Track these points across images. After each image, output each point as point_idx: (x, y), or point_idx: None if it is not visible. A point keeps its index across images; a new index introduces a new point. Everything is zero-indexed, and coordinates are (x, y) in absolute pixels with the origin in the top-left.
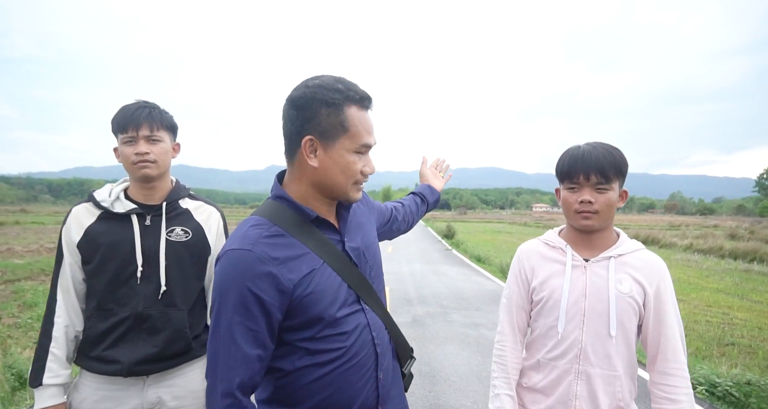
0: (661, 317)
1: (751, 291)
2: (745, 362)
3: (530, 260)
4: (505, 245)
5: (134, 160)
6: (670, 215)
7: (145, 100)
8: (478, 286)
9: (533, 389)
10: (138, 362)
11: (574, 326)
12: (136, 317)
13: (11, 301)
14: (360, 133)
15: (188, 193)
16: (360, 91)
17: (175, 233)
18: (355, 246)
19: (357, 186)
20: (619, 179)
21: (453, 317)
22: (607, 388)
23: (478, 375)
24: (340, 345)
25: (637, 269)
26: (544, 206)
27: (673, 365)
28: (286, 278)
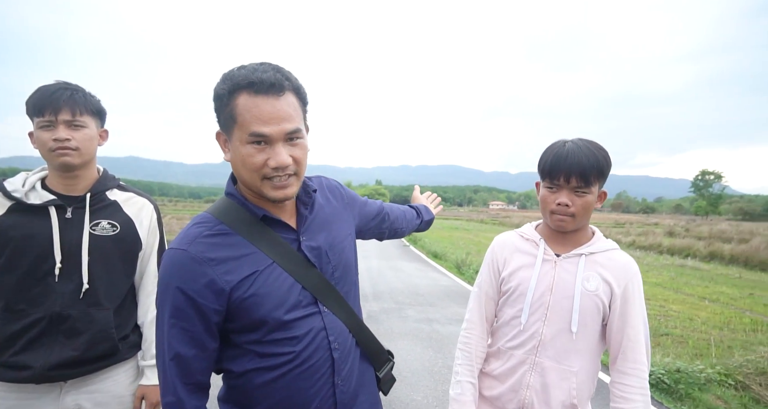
0: (626, 317)
1: (685, 285)
2: (677, 351)
3: (503, 251)
4: (461, 241)
5: (52, 147)
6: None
7: (66, 81)
8: (433, 281)
9: (490, 375)
10: (53, 366)
11: (536, 319)
12: (52, 317)
13: None
14: (247, 122)
15: (117, 184)
16: (254, 75)
17: (100, 226)
18: (314, 245)
19: (272, 183)
20: (599, 181)
21: (407, 312)
22: (561, 383)
23: (430, 370)
24: (289, 349)
25: (607, 269)
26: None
27: (631, 365)
28: (222, 280)
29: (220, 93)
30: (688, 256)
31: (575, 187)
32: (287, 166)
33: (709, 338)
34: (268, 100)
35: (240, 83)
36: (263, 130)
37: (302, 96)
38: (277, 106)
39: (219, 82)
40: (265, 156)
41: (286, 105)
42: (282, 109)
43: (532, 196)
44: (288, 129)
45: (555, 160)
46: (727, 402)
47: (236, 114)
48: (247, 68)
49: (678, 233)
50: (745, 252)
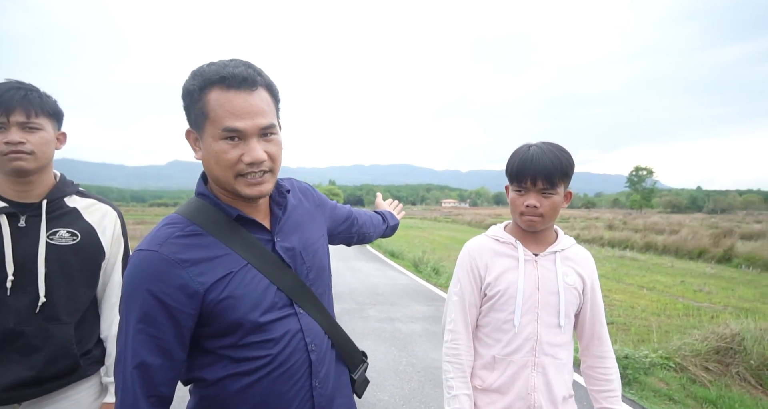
0: (596, 306)
1: (625, 275)
2: (622, 338)
3: (482, 257)
4: (416, 239)
5: (4, 151)
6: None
7: (19, 80)
8: (392, 280)
9: (488, 390)
10: (7, 387)
11: (529, 319)
12: (5, 334)
13: None
14: (220, 117)
15: (76, 190)
16: (225, 70)
17: (59, 235)
18: (288, 246)
19: (246, 180)
20: (564, 183)
21: (369, 312)
22: (558, 377)
23: (395, 370)
24: (266, 352)
25: (577, 263)
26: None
27: (606, 349)
28: (195, 282)
29: (190, 89)
30: (626, 247)
31: (542, 189)
32: (262, 161)
33: (648, 325)
34: (240, 95)
35: (211, 78)
36: (237, 124)
37: (274, 93)
38: (251, 101)
39: (188, 79)
40: (239, 152)
41: (259, 100)
42: (255, 104)
43: (482, 194)
44: (262, 124)
45: (521, 165)
46: (669, 383)
47: (208, 110)
48: (217, 64)
49: (617, 226)
50: (676, 242)
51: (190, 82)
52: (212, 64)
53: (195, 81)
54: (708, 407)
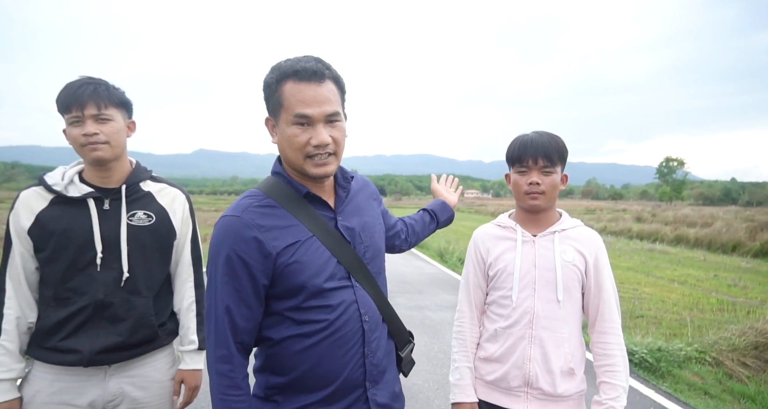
0: (600, 283)
1: (655, 268)
2: (653, 331)
3: (484, 241)
4: (441, 230)
5: (83, 142)
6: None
7: (89, 76)
8: (418, 270)
9: (489, 360)
10: (99, 351)
11: (527, 295)
12: (96, 305)
13: None
14: (292, 105)
15: (150, 176)
16: (298, 65)
17: (137, 217)
18: (349, 225)
19: (313, 160)
20: (561, 164)
21: (397, 300)
22: (557, 350)
23: (427, 355)
24: (324, 317)
25: (578, 241)
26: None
27: (609, 324)
28: (270, 245)
29: (269, 82)
30: (656, 240)
31: (542, 166)
32: (327, 144)
33: (680, 319)
34: (310, 86)
35: (286, 72)
36: (306, 111)
37: (341, 85)
38: (319, 91)
39: (268, 73)
40: (308, 136)
41: (327, 91)
42: (323, 94)
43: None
44: (328, 111)
45: (522, 147)
46: (704, 378)
47: (283, 99)
48: (292, 60)
49: (646, 219)
50: (708, 235)
51: (269, 75)
52: (288, 60)
53: (273, 74)
54: (746, 403)
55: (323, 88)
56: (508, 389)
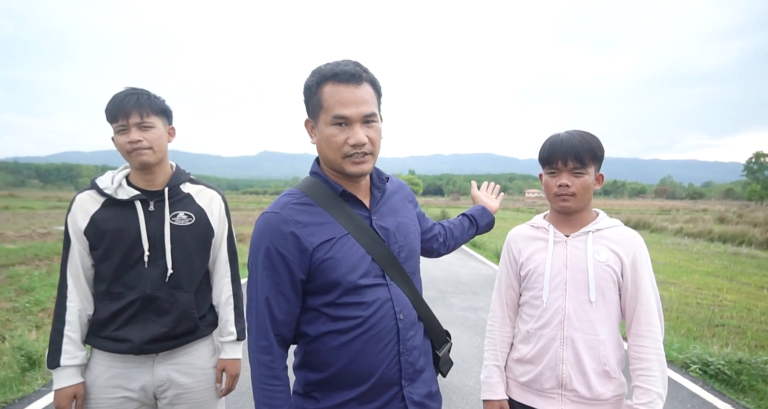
0: (638, 284)
1: (740, 273)
2: (735, 342)
3: (517, 242)
4: (498, 230)
5: (129, 149)
6: (661, 200)
7: (133, 87)
8: (474, 270)
9: (522, 361)
10: (148, 340)
11: (558, 295)
12: (144, 299)
13: (7, 285)
14: (332, 107)
15: (189, 178)
16: (338, 68)
17: (178, 217)
18: (384, 225)
19: (351, 159)
20: (594, 164)
21: (451, 301)
22: (591, 352)
23: (479, 357)
24: (358, 314)
25: (614, 242)
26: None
27: (645, 327)
28: (306, 240)
29: (309, 84)
30: (742, 243)
31: (572, 168)
32: (364, 144)
33: None
34: (348, 88)
35: (326, 75)
36: (344, 112)
37: (377, 88)
38: (356, 93)
39: (308, 77)
40: (346, 135)
41: (364, 93)
42: (360, 96)
43: None
44: (365, 112)
45: (551, 148)
46: None
47: (322, 101)
48: (331, 63)
49: (730, 220)
50: None
51: (309, 79)
52: (327, 64)
53: (313, 78)
54: None
55: (361, 90)
56: (541, 391)
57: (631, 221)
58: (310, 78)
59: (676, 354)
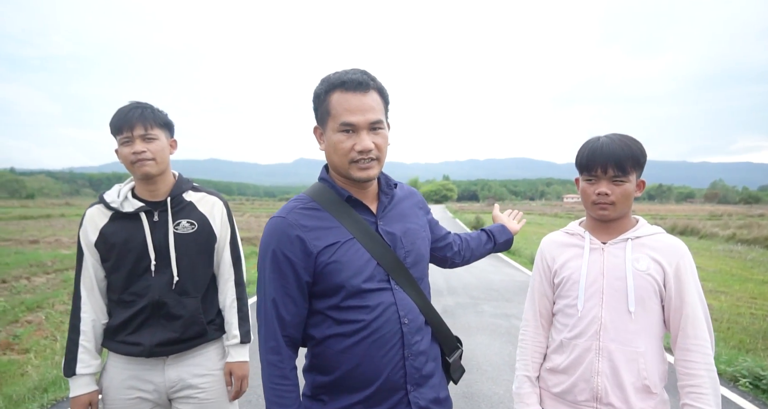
0: (683, 295)
1: None
2: None
3: (551, 249)
4: (535, 236)
5: (132, 160)
6: (711, 205)
7: (137, 100)
8: (507, 277)
9: (556, 371)
10: (158, 344)
11: (594, 304)
12: (153, 305)
13: (61, 289)
14: (339, 114)
15: (191, 186)
16: (345, 76)
17: (181, 225)
18: (390, 230)
19: (357, 165)
20: (636, 171)
21: (483, 307)
22: (629, 365)
23: (511, 365)
24: (362, 317)
25: (655, 250)
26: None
27: (693, 341)
28: (311, 244)
29: (318, 92)
30: None
31: (612, 176)
32: (370, 150)
33: None
34: (356, 96)
35: (334, 83)
36: (351, 119)
37: (385, 96)
38: (363, 101)
39: (318, 85)
40: (352, 142)
41: (371, 100)
42: (367, 103)
43: None
44: (371, 119)
45: (591, 154)
46: None
47: (330, 108)
48: (340, 72)
49: None
50: None
51: (318, 87)
52: (336, 72)
53: (322, 86)
54: None
55: (368, 98)
56: (575, 403)
57: (677, 226)
58: (319, 86)
59: (724, 367)
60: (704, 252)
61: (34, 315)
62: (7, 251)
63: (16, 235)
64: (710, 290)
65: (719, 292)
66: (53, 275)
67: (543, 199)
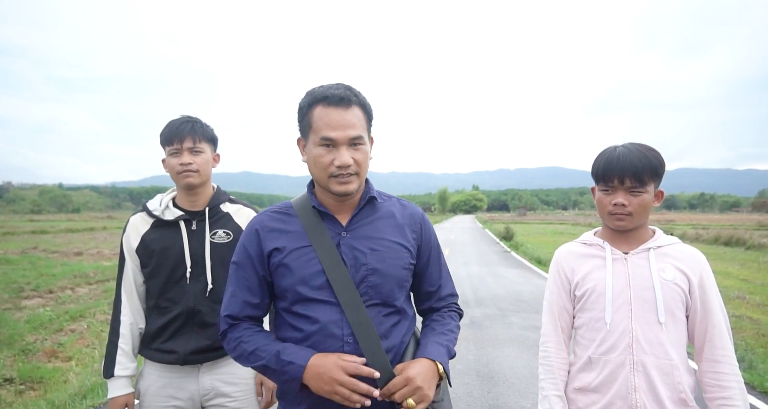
0: (707, 305)
1: None
2: None
3: (568, 260)
4: None
5: (179, 170)
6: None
7: (188, 115)
8: (537, 288)
9: (587, 390)
10: (192, 352)
11: (622, 316)
12: (188, 312)
13: (102, 299)
14: (320, 128)
15: (228, 198)
16: (328, 91)
17: (218, 235)
18: (354, 245)
19: (336, 179)
20: (654, 181)
21: (511, 319)
22: (665, 378)
23: (538, 378)
24: (307, 327)
25: (678, 259)
26: None
27: (721, 352)
28: (265, 243)
29: (302, 105)
30: None
31: (630, 187)
32: (349, 165)
33: None
34: (337, 111)
35: (317, 97)
36: (331, 134)
37: (368, 111)
38: (345, 116)
39: (302, 98)
40: (332, 156)
41: (352, 116)
42: (348, 119)
43: None
44: (351, 135)
45: (607, 164)
46: None
47: (312, 122)
48: (324, 86)
49: None
50: None
51: (303, 100)
52: (321, 87)
53: (306, 99)
54: None
55: (349, 114)
56: None
57: (721, 237)
58: (303, 99)
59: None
60: (752, 263)
61: (77, 324)
62: (55, 263)
63: (63, 247)
64: (758, 303)
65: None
66: (95, 286)
67: (576, 208)
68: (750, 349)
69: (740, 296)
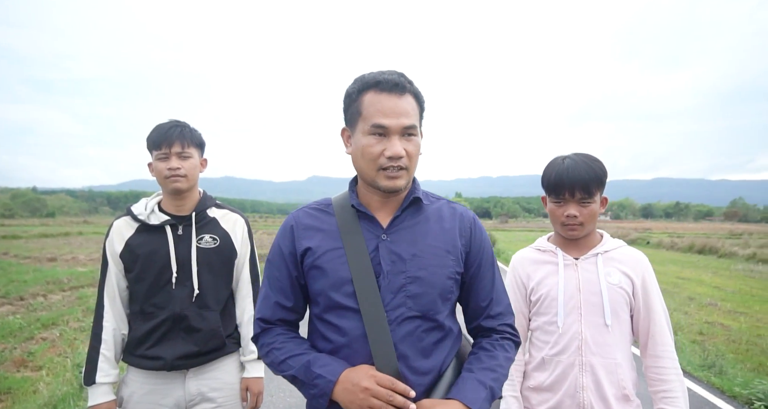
0: (650, 305)
1: None
2: None
3: (524, 266)
4: None
5: (167, 175)
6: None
7: (176, 119)
8: None
9: (540, 389)
10: (178, 357)
11: (573, 320)
12: (174, 318)
13: (76, 306)
14: (371, 115)
15: (215, 203)
16: (381, 76)
17: (204, 240)
18: (394, 249)
19: (385, 173)
20: (600, 190)
21: None
22: (610, 377)
23: None
24: (337, 338)
25: (623, 263)
26: None
27: (662, 348)
28: (299, 241)
29: (350, 92)
30: None
31: (580, 198)
32: (401, 157)
33: None
34: (390, 98)
35: (368, 82)
36: (383, 121)
37: (420, 101)
38: (398, 103)
39: (350, 84)
40: (382, 146)
41: (406, 104)
42: (402, 106)
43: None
44: (405, 123)
45: (557, 177)
46: None
47: (362, 108)
48: (375, 72)
49: None
50: None
51: (351, 86)
52: (371, 72)
53: (355, 85)
54: None
55: (403, 101)
56: None
57: (695, 245)
58: (351, 85)
59: (739, 389)
60: (723, 271)
61: (48, 332)
62: (27, 269)
63: (36, 252)
64: (729, 310)
65: (738, 312)
66: (69, 293)
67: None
68: (721, 355)
69: (712, 303)
